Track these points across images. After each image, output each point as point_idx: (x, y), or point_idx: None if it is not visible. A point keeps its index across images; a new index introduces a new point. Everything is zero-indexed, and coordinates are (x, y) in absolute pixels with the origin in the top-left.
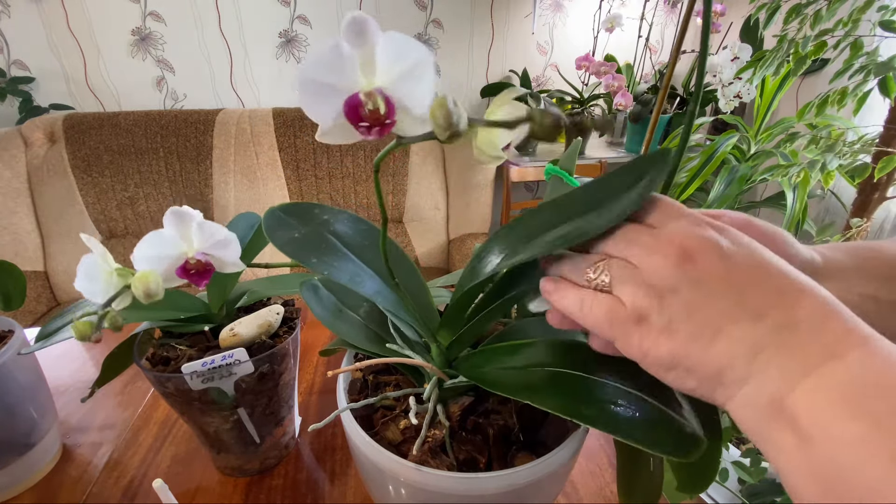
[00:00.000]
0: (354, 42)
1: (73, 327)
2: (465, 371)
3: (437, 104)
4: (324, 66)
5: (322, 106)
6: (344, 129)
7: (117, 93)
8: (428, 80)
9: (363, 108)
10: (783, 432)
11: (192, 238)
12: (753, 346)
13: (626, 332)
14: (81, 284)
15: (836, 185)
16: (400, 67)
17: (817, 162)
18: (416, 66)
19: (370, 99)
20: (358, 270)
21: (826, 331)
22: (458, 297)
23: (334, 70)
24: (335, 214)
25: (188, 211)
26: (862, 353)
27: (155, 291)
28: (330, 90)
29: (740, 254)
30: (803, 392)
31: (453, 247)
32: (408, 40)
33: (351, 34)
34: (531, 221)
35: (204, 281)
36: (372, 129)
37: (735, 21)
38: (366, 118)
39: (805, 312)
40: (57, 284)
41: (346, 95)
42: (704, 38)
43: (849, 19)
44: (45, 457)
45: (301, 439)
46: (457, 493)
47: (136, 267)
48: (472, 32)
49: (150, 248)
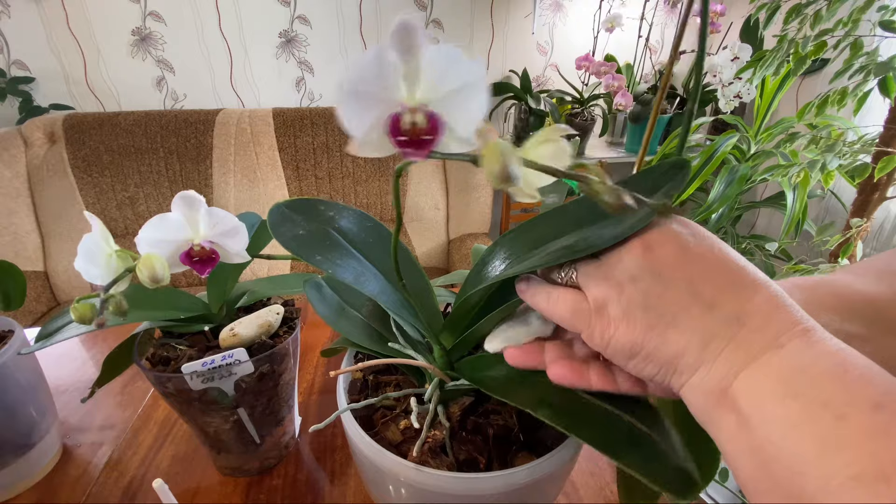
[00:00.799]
0: (400, 51)
1: (73, 309)
2: (467, 374)
3: (492, 153)
4: (365, 75)
5: (361, 116)
6: (381, 142)
7: (117, 93)
8: (479, 101)
9: (402, 122)
10: (726, 415)
11: (198, 224)
12: (705, 335)
13: (589, 322)
14: (81, 265)
15: (836, 185)
16: (449, 84)
17: (817, 162)
18: (467, 84)
19: (412, 114)
20: (363, 269)
21: (773, 322)
22: (462, 301)
23: (376, 79)
24: (340, 211)
25: (198, 196)
26: (801, 343)
27: (161, 276)
28: (370, 99)
29: (700, 246)
30: (745, 378)
31: (453, 247)
32: (460, 56)
33: (397, 42)
34: (539, 227)
35: (207, 269)
36: (411, 145)
37: (735, 21)
38: (406, 132)
39: (756, 305)
40: (57, 284)
41: (388, 107)
42: (702, 38)
43: (849, 19)
44: (45, 457)
45: (301, 439)
46: (457, 493)
47: (140, 250)
48: (472, 32)
49: (156, 231)
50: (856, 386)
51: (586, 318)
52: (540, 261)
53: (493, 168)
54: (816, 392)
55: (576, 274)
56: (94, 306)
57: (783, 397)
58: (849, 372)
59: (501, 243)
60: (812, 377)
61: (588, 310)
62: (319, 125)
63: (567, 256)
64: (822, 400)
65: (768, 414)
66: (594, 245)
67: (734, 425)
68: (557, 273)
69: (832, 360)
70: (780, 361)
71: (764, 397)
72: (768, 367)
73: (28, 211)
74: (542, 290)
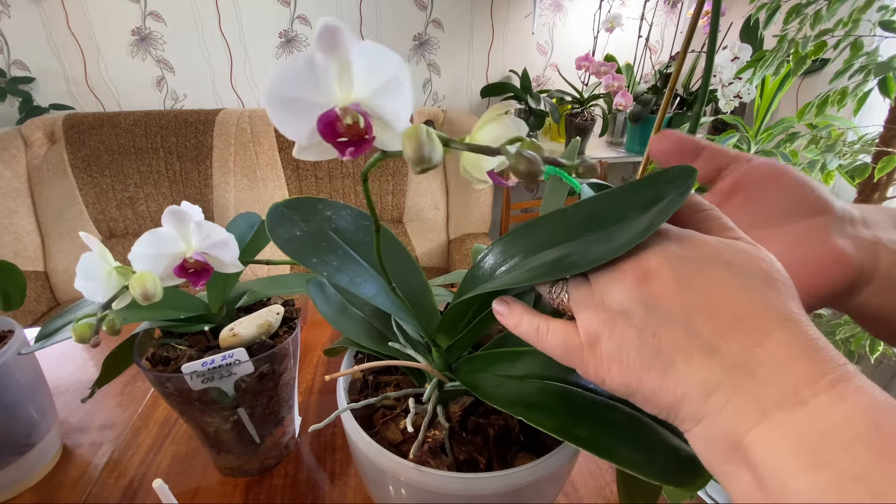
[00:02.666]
0: (328, 52)
1: (73, 330)
2: (462, 377)
3: (407, 136)
4: (297, 80)
5: (297, 122)
6: (322, 145)
7: (117, 93)
8: (405, 95)
9: (341, 123)
10: (740, 472)
11: (190, 237)
12: (706, 385)
13: (582, 359)
14: (81, 284)
15: (836, 185)
16: (376, 81)
17: (817, 162)
18: (392, 79)
19: (347, 114)
20: (359, 271)
21: (791, 372)
22: (456, 304)
23: (309, 84)
24: (338, 210)
25: (186, 210)
26: (828, 399)
27: (153, 293)
28: (305, 105)
29: (704, 274)
30: (760, 434)
31: (453, 247)
32: (383, 51)
33: (323, 43)
34: (533, 233)
35: (202, 281)
36: (350, 145)
37: (735, 21)
38: (344, 133)
39: (768, 350)
40: (57, 284)
41: (322, 111)
42: (712, 40)
43: (849, 19)
44: (45, 457)
45: (301, 439)
46: (457, 493)
47: (134, 265)
48: (472, 32)
49: (148, 246)
50: (894, 454)
51: (578, 354)
52: (519, 277)
53: (408, 151)
54: (848, 462)
55: (567, 297)
56: (92, 325)
57: (808, 466)
58: (886, 437)
59: (495, 247)
60: (842, 443)
61: (580, 345)
62: None
63: (548, 276)
64: (855, 472)
65: (791, 485)
66: (577, 266)
67: (750, 484)
68: (549, 290)
69: (867, 420)
70: (803, 421)
71: (784, 462)
72: (787, 426)
73: (28, 211)
74: (526, 318)
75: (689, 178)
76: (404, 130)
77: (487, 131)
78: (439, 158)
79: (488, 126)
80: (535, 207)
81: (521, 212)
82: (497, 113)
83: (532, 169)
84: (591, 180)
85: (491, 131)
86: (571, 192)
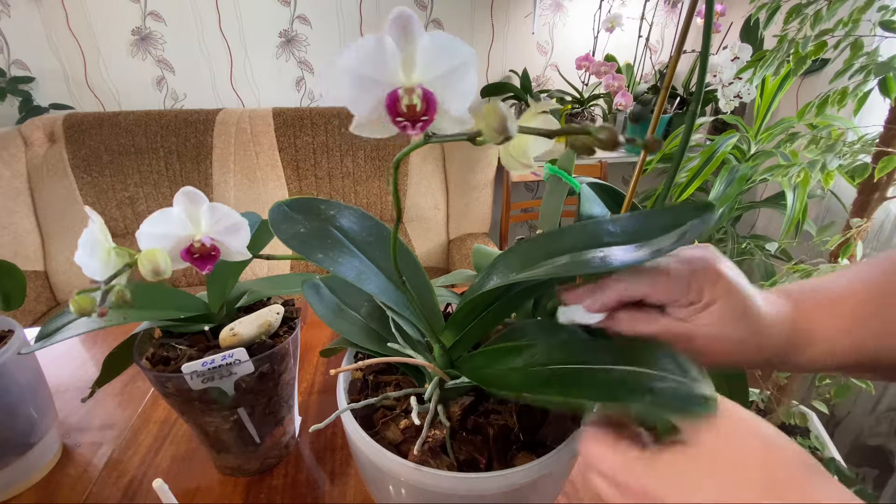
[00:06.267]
0: (398, 38)
1: (73, 302)
2: (466, 372)
3: (492, 109)
4: (367, 59)
5: (361, 97)
6: (379, 122)
7: (117, 93)
8: (470, 81)
9: (401, 104)
10: None
11: (200, 220)
12: None
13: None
14: (82, 259)
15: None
16: (442, 66)
17: (817, 162)
18: (459, 66)
19: (409, 95)
20: (363, 267)
21: None
22: (465, 303)
23: (377, 63)
24: (341, 210)
25: (200, 192)
26: None
27: (164, 269)
28: (371, 83)
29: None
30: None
31: (453, 247)
32: (452, 40)
33: (395, 30)
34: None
35: (208, 266)
36: (409, 124)
37: (735, 21)
38: (403, 114)
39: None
40: (57, 284)
41: (388, 89)
42: (706, 39)
43: (849, 19)
44: (45, 457)
45: (301, 439)
46: (457, 493)
47: (141, 244)
48: (472, 32)
49: (156, 225)
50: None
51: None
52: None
53: (492, 122)
54: None
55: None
56: (93, 299)
57: None
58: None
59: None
60: None
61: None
62: (319, 125)
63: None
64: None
65: None
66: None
67: None
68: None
69: None
70: None
71: None
72: None
73: (28, 211)
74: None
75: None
76: (486, 106)
77: (536, 121)
78: (516, 132)
79: (537, 118)
80: (535, 207)
81: (521, 211)
82: (539, 110)
83: (614, 132)
84: (591, 180)
85: (538, 121)
86: (571, 192)
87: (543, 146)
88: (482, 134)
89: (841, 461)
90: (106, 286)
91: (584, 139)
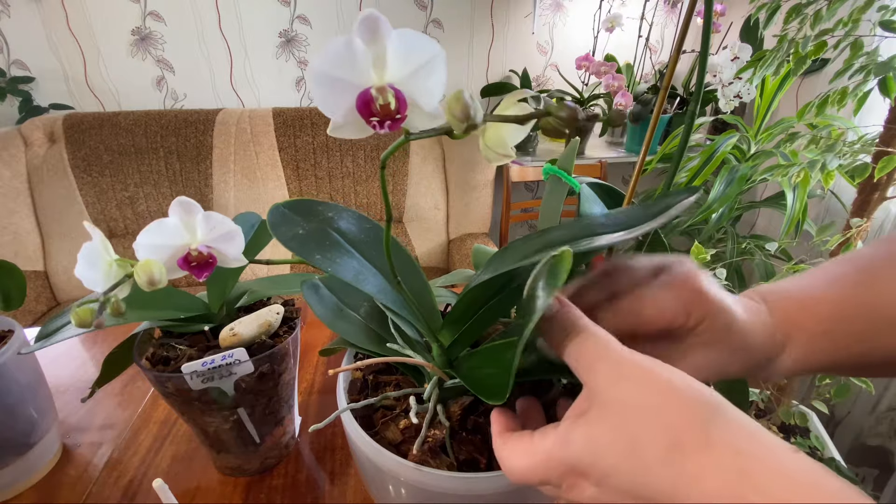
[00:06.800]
0: (367, 39)
1: (73, 314)
2: (463, 372)
3: (454, 97)
4: (337, 61)
5: (335, 100)
6: (356, 123)
7: (117, 93)
8: (439, 75)
9: (374, 104)
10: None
11: (195, 229)
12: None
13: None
14: (82, 272)
15: (836, 185)
16: (411, 64)
17: (817, 162)
18: (427, 62)
19: (381, 94)
20: (361, 268)
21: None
22: (462, 298)
23: (347, 65)
24: (339, 212)
25: (194, 202)
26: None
27: (158, 279)
28: (343, 85)
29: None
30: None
31: (453, 247)
32: (419, 37)
33: (364, 31)
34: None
35: (205, 273)
36: (383, 123)
37: (735, 21)
38: (377, 113)
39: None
40: (57, 284)
41: (359, 90)
42: (705, 38)
43: (849, 19)
44: (45, 457)
45: (301, 439)
46: (457, 493)
47: (138, 255)
48: (472, 32)
49: (153, 236)
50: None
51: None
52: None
53: (455, 110)
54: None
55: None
56: (93, 310)
57: None
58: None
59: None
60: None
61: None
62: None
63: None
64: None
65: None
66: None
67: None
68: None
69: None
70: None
71: None
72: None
73: (28, 211)
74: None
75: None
76: (449, 96)
77: (510, 112)
78: (481, 119)
79: (511, 108)
80: (534, 207)
81: (520, 211)
82: (516, 98)
83: (573, 109)
84: (591, 180)
85: (513, 112)
86: (571, 192)
87: (520, 135)
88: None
89: (841, 461)
90: (104, 297)
91: (549, 120)
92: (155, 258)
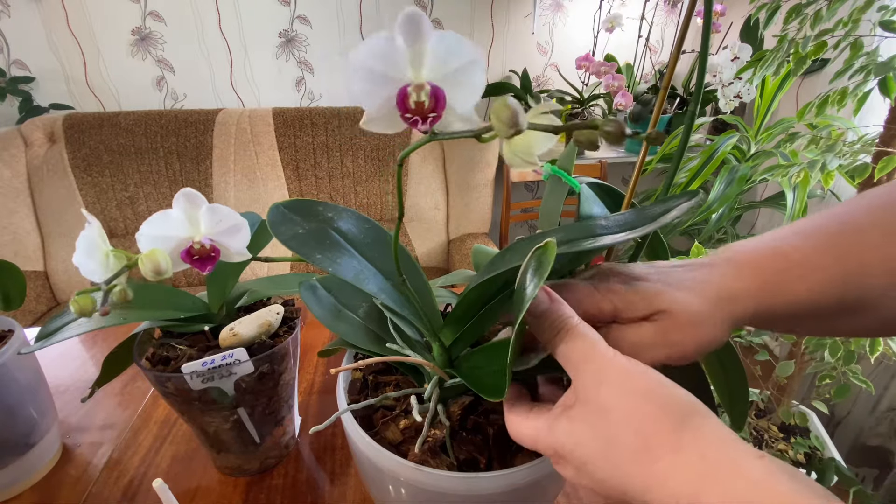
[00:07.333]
0: (408, 37)
1: (73, 302)
2: (463, 371)
3: (502, 103)
4: (378, 55)
5: (373, 93)
6: (389, 118)
7: (117, 93)
8: (477, 80)
9: (409, 100)
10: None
11: (199, 221)
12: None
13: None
14: (80, 260)
15: (836, 185)
16: (449, 66)
17: (817, 162)
18: (464, 66)
19: (417, 91)
20: (362, 268)
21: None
22: (464, 298)
23: (387, 60)
24: (339, 212)
25: (199, 194)
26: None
27: (165, 269)
28: (381, 79)
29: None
30: None
31: (453, 247)
32: (459, 40)
33: (406, 29)
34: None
35: (208, 267)
36: (418, 120)
37: (735, 21)
38: (412, 110)
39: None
40: (57, 284)
41: (398, 85)
42: (705, 39)
43: (849, 19)
44: (45, 457)
45: (301, 439)
46: (457, 493)
47: (141, 246)
48: (473, 32)
49: (157, 227)
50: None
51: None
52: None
53: (503, 115)
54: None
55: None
56: (93, 299)
57: None
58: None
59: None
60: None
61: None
62: (319, 125)
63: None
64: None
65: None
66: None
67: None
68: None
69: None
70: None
71: None
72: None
73: (28, 211)
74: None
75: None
76: (497, 101)
77: (543, 120)
78: (526, 126)
79: (542, 117)
80: (534, 207)
81: (521, 211)
82: (542, 111)
83: (620, 125)
84: (591, 180)
85: (544, 121)
86: (571, 192)
87: (548, 144)
88: (489, 130)
89: (841, 461)
90: (106, 287)
91: (590, 134)
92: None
